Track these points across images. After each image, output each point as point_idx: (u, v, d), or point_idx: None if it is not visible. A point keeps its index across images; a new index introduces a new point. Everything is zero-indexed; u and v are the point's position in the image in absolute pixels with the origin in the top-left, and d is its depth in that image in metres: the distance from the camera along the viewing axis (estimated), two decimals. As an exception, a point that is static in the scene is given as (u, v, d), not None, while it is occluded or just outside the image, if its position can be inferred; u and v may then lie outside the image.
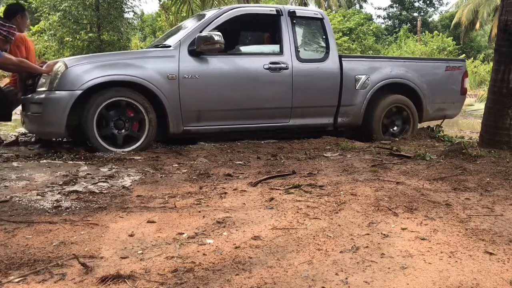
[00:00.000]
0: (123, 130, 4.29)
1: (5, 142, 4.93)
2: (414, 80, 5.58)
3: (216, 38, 4.46)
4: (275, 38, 5.32)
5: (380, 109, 5.42)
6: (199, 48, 4.49)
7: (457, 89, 5.95)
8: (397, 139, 5.36)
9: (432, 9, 38.41)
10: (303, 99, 5.04)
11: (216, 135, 4.88)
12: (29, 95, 4.39)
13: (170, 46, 4.64)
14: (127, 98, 4.23)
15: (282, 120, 5.05)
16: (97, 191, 2.89)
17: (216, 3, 12.15)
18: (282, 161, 3.96)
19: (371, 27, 27.31)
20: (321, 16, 5.35)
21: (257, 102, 4.87)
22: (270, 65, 4.87)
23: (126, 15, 15.91)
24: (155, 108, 4.37)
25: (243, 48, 5.54)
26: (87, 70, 4.15)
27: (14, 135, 5.46)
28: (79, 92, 4.06)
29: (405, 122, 5.66)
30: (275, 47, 5.15)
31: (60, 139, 4.72)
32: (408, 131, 5.59)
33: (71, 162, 3.80)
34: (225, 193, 2.89)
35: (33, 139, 5.08)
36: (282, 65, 4.93)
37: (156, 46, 5.10)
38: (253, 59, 4.96)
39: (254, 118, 4.91)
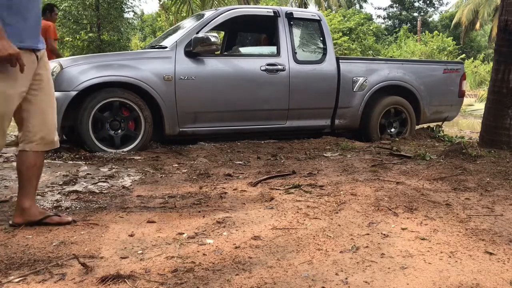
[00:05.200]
0: (119, 131, 4.29)
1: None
2: (411, 82, 5.58)
3: (213, 39, 4.45)
4: (272, 39, 5.31)
5: (378, 111, 5.41)
6: (195, 49, 4.48)
7: (455, 91, 5.95)
8: (397, 139, 5.36)
9: (432, 9, 38.45)
10: (300, 101, 5.03)
11: (212, 136, 4.88)
12: None
13: (166, 47, 4.63)
14: (120, 98, 4.22)
15: (279, 122, 5.04)
16: (97, 191, 2.89)
17: (216, 3, 12.15)
18: (282, 161, 3.96)
19: (371, 27, 27.30)
20: (318, 18, 5.34)
21: (253, 103, 4.86)
22: (267, 66, 4.87)
23: (126, 15, 15.92)
24: (151, 109, 4.37)
25: (240, 50, 5.53)
26: (82, 71, 4.15)
27: (14, 135, 5.46)
28: (74, 93, 4.06)
29: (403, 124, 5.66)
30: (272, 49, 5.15)
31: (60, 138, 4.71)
32: (405, 133, 5.59)
33: (71, 162, 3.80)
34: (225, 193, 2.89)
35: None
36: (279, 67, 4.92)
37: (153, 47, 5.10)
38: (250, 60, 4.95)
39: (250, 120, 4.91)
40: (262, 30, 5.93)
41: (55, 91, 4.06)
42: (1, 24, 1.97)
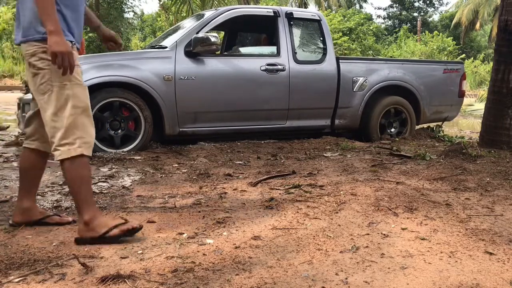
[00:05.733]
0: (119, 131, 4.29)
1: (5, 142, 4.93)
2: (412, 82, 5.58)
3: (213, 39, 4.45)
4: (272, 39, 5.31)
5: (378, 111, 5.40)
6: (195, 49, 4.48)
7: (455, 91, 5.95)
8: (397, 139, 5.36)
9: (432, 9, 38.38)
10: (300, 101, 5.02)
11: (212, 136, 4.88)
12: (25, 95, 4.39)
13: (166, 47, 4.63)
14: (120, 98, 4.21)
15: (279, 122, 5.04)
16: (97, 191, 2.89)
17: (216, 3, 12.14)
18: (282, 161, 3.96)
19: (371, 27, 27.28)
20: (318, 18, 5.34)
21: (253, 103, 4.86)
22: (267, 66, 4.86)
23: (126, 15, 15.94)
24: (151, 109, 4.37)
25: (240, 50, 5.53)
26: (83, 71, 4.14)
27: (14, 135, 5.46)
28: None
29: (403, 124, 5.65)
30: (272, 49, 5.14)
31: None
32: (405, 133, 5.59)
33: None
34: (225, 193, 2.89)
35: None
36: (279, 67, 4.92)
37: (153, 47, 5.10)
38: (250, 60, 4.95)
39: (250, 120, 4.91)
40: (262, 30, 5.93)
41: None
42: (60, 21, 1.98)
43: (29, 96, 4.29)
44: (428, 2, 37.57)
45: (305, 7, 22.30)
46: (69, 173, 2.02)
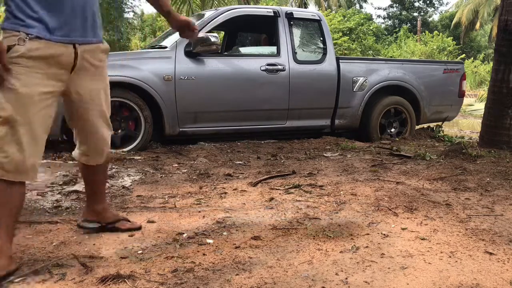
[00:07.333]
0: (119, 130, 4.29)
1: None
2: (412, 82, 5.58)
3: (213, 39, 4.45)
4: (272, 39, 5.31)
5: (378, 111, 5.40)
6: (195, 49, 4.48)
7: (455, 91, 5.95)
8: (397, 139, 5.36)
9: (432, 9, 38.37)
10: (300, 100, 5.03)
11: (212, 136, 4.88)
12: None
13: (166, 47, 4.64)
14: (119, 98, 4.21)
15: (279, 121, 5.04)
16: (97, 191, 2.89)
17: (216, 3, 12.14)
18: (282, 161, 3.96)
19: (371, 27, 27.25)
20: (318, 18, 5.34)
21: (253, 103, 4.86)
22: (267, 66, 4.87)
23: (126, 15, 15.91)
24: (152, 109, 4.37)
25: (240, 50, 5.52)
26: None
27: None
28: None
29: (403, 124, 5.65)
30: (272, 49, 5.15)
31: (60, 139, 4.72)
32: (405, 133, 5.59)
33: (71, 162, 3.80)
34: (225, 193, 2.89)
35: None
36: (279, 67, 4.92)
37: (153, 47, 5.10)
38: (250, 60, 4.95)
39: (250, 120, 4.91)
40: (262, 30, 5.93)
41: None
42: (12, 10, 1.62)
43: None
44: (428, 2, 37.57)
45: (305, 7, 22.28)
46: None
